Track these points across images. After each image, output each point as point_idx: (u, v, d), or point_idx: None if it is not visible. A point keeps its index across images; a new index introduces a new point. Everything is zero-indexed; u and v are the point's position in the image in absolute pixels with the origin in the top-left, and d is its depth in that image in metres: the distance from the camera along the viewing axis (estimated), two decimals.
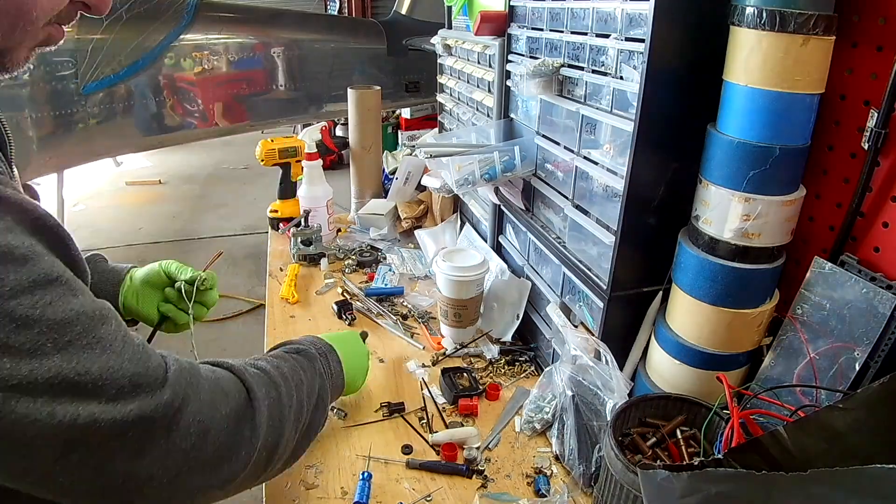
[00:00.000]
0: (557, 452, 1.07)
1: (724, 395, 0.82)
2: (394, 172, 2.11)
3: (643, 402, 0.95)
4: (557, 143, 1.18)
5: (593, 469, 0.98)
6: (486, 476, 1.03)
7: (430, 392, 1.23)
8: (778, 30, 0.75)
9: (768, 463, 0.68)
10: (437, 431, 1.12)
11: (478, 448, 1.07)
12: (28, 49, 0.61)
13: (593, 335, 1.10)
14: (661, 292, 1.04)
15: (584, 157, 1.08)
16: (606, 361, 1.03)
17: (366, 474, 1.00)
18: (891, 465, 0.49)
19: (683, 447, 0.90)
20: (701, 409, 0.93)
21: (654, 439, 0.92)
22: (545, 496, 0.98)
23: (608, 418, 0.94)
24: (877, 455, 0.53)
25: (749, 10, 0.77)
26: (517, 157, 1.29)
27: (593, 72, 1.04)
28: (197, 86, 3.03)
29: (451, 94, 1.81)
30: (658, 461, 0.88)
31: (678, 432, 0.92)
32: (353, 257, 1.83)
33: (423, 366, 1.34)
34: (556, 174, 1.20)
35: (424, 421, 1.15)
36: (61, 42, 0.65)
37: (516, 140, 1.33)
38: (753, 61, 0.79)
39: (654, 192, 0.97)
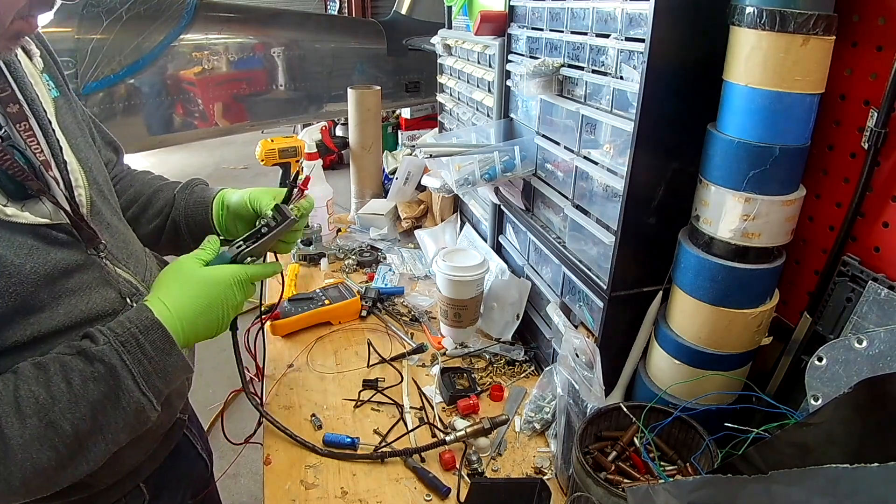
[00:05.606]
0: (555, 453, 1.07)
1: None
2: (394, 172, 2.11)
3: (597, 418, 0.95)
4: (557, 143, 1.18)
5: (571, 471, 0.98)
6: (485, 476, 1.03)
7: (421, 392, 1.23)
8: (778, 30, 0.75)
9: None
10: (447, 432, 1.10)
11: (478, 455, 1.06)
12: (3, 42, 0.65)
13: (592, 335, 1.10)
14: (661, 292, 1.04)
15: (584, 157, 1.07)
16: (591, 364, 1.03)
17: None
18: (845, 465, 0.50)
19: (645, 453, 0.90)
20: (654, 412, 0.93)
21: (614, 453, 0.92)
22: None
23: (577, 432, 0.93)
24: (849, 463, 0.54)
25: (749, 10, 0.77)
26: (517, 157, 1.29)
27: (593, 72, 1.04)
28: (197, 86, 3.03)
29: (451, 94, 1.81)
30: (622, 475, 0.89)
31: (636, 440, 0.92)
32: (353, 257, 1.83)
33: (423, 365, 1.34)
34: (556, 174, 1.20)
35: (425, 422, 1.16)
36: (38, 30, 0.70)
37: (516, 140, 1.33)
38: (753, 61, 0.79)
39: (654, 192, 0.97)
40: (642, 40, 0.87)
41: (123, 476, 0.87)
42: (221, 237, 0.90)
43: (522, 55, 1.30)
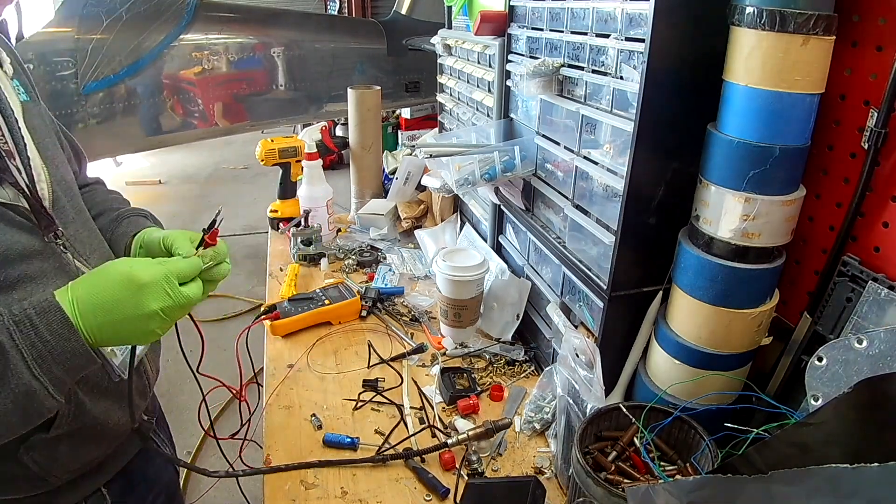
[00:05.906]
0: (555, 453, 1.07)
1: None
2: (394, 172, 2.11)
3: (597, 418, 0.94)
4: (557, 143, 1.18)
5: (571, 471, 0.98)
6: (485, 477, 1.03)
7: (421, 392, 1.23)
8: (778, 30, 0.75)
9: None
10: (448, 433, 1.11)
11: (478, 455, 1.06)
12: None
13: (592, 335, 1.10)
14: (661, 292, 1.04)
15: (584, 157, 1.07)
16: (591, 364, 1.03)
17: None
18: (845, 465, 0.50)
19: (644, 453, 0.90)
20: (654, 413, 0.93)
21: (614, 453, 0.92)
22: None
23: (577, 433, 0.93)
24: (849, 463, 0.54)
25: (749, 10, 0.77)
26: (517, 157, 1.29)
27: (593, 72, 1.04)
28: (197, 86, 3.03)
29: (451, 94, 1.81)
30: (622, 475, 0.89)
31: (636, 440, 0.92)
32: (353, 257, 1.83)
33: (423, 365, 1.34)
34: (556, 174, 1.20)
35: (426, 425, 1.16)
36: (8, 5, 0.72)
37: (516, 140, 1.33)
38: (753, 61, 0.79)
39: (654, 192, 0.97)
40: (642, 40, 0.87)
41: (81, 475, 0.85)
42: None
43: (522, 55, 1.30)
